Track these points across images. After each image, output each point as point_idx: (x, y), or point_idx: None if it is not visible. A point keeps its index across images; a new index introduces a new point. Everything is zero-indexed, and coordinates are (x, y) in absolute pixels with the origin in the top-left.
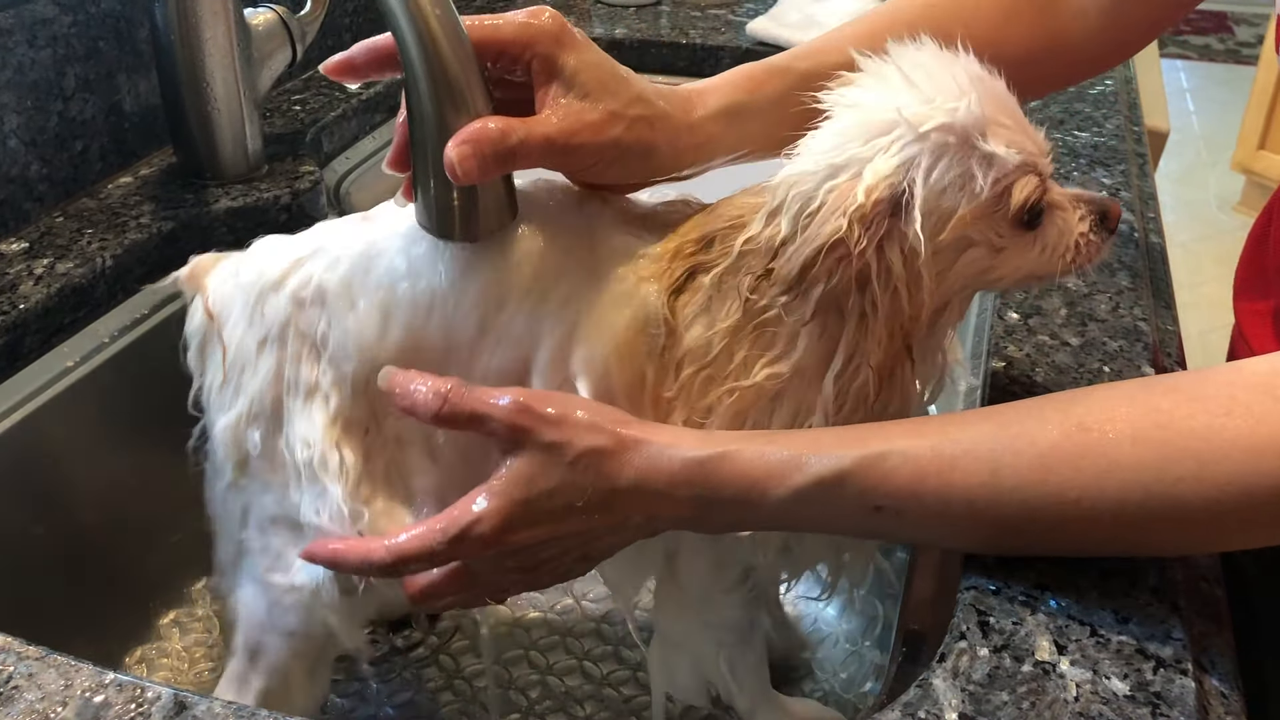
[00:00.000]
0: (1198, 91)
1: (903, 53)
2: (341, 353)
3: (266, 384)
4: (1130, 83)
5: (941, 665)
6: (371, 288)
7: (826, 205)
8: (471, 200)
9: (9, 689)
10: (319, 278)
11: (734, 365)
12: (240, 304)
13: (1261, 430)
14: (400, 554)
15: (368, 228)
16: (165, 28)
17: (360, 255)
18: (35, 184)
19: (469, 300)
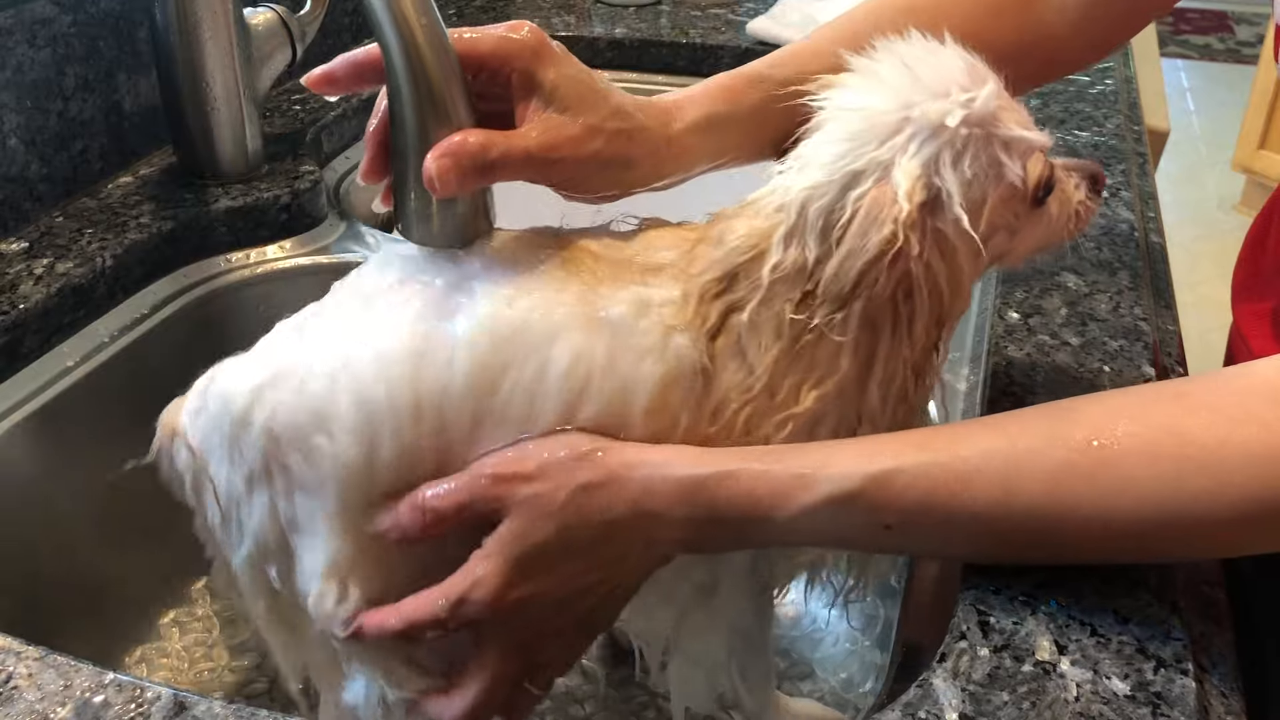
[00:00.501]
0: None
1: (892, 49)
2: (328, 489)
3: (266, 521)
4: (1130, 82)
5: (942, 665)
6: (345, 408)
7: (861, 214)
8: (450, 207)
9: (8, 689)
10: (286, 406)
11: (782, 396)
12: (218, 440)
13: (1274, 440)
14: (408, 619)
15: (325, 330)
16: (165, 27)
17: (325, 373)
18: (35, 184)
19: (457, 393)
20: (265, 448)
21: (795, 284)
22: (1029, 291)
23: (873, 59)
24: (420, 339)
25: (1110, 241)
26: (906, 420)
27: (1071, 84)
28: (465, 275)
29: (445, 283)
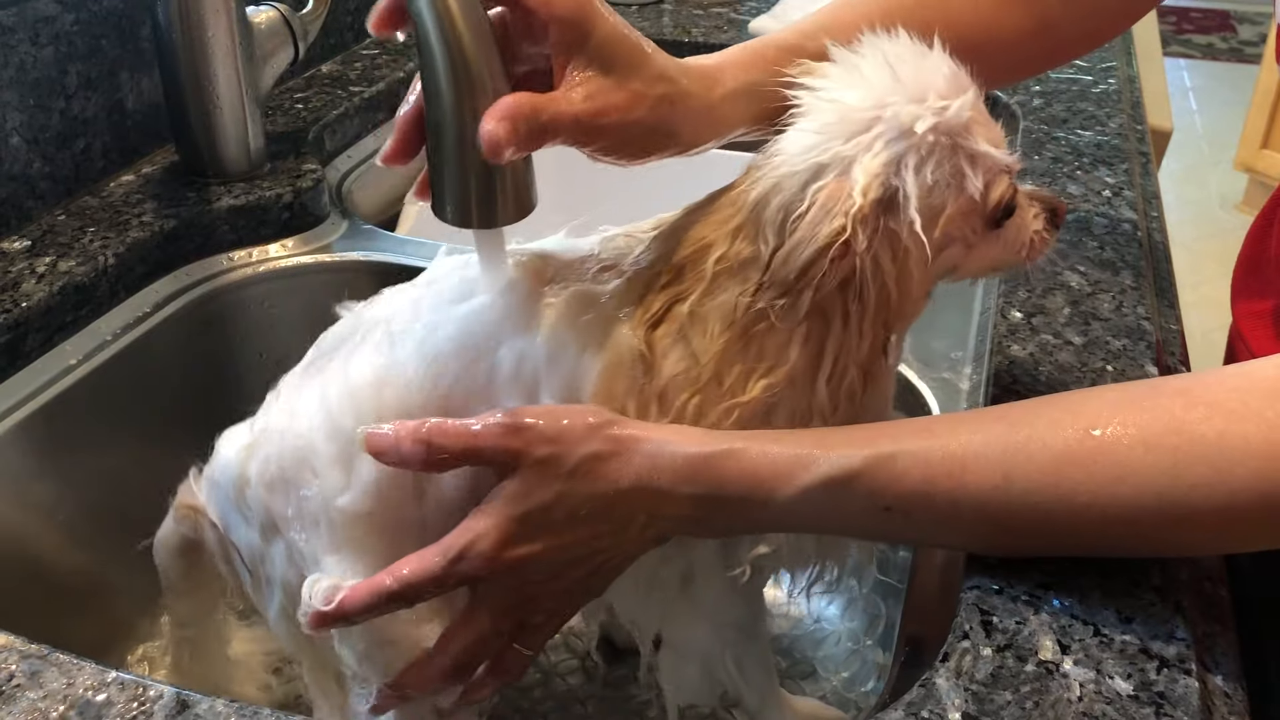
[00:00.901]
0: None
1: (878, 45)
2: (325, 520)
3: (287, 569)
4: (1133, 81)
5: (945, 665)
6: (322, 444)
7: (817, 206)
8: (490, 187)
9: (11, 687)
10: (274, 456)
11: (729, 384)
12: (229, 505)
13: (1274, 436)
14: (405, 580)
15: (302, 383)
16: (167, 26)
17: (303, 417)
18: (37, 182)
19: (418, 409)
20: (265, 499)
21: (746, 275)
22: (1031, 291)
23: (858, 53)
24: (380, 369)
25: (1113, 241)
26: (856, 419)
27: (1075, 83)
28: (413, 299)
29: (397, 311)
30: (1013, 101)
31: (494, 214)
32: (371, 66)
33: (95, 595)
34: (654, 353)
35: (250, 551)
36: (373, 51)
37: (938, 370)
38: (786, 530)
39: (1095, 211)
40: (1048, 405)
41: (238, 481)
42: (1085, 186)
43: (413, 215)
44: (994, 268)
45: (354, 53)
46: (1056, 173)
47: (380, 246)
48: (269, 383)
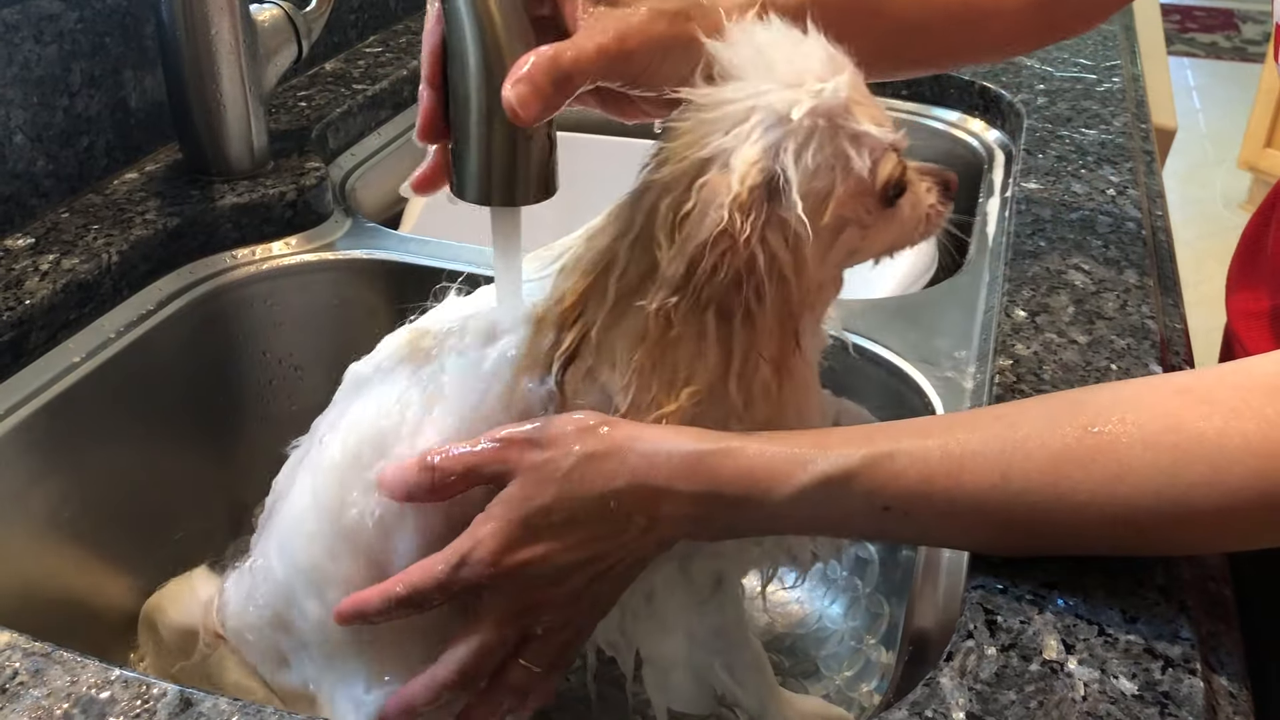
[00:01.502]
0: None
1: (751, 36)
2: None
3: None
4: (1137, 80)
5: (949, 664)
6: (292, 579)
7: (701, 200)
8: (512, 164)
9: (15, 685)
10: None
11: (654, 395)
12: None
13: (1273, 434)
14: (412, 585)
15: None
16: (171, 24)
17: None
18: (41, 180)
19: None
20: (271, 637)
21: (647, 286)
22: (1036, 289)
23: (729, 47)
24: (310, 491)
25: (1118, 240)
26: (776, 419)
27: (1079, 82)
28: (342, 412)
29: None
30: (1017, 100)
31: (515, 192)
32: (375, 64)
33: (99, 592)
34: (565, 397)
35: (273, 680)
36: (376, 50)
37: (941, 369)
38: (787, 530)
39: (1099, 210)
40: (1046, 404)
41: (241, 628)
42: (1089, 185)
43: (416, 213)
44: (894, 246)
45: (357, 51)
46: (1060, 171)
47: (383, 245)
48: (272, 381)
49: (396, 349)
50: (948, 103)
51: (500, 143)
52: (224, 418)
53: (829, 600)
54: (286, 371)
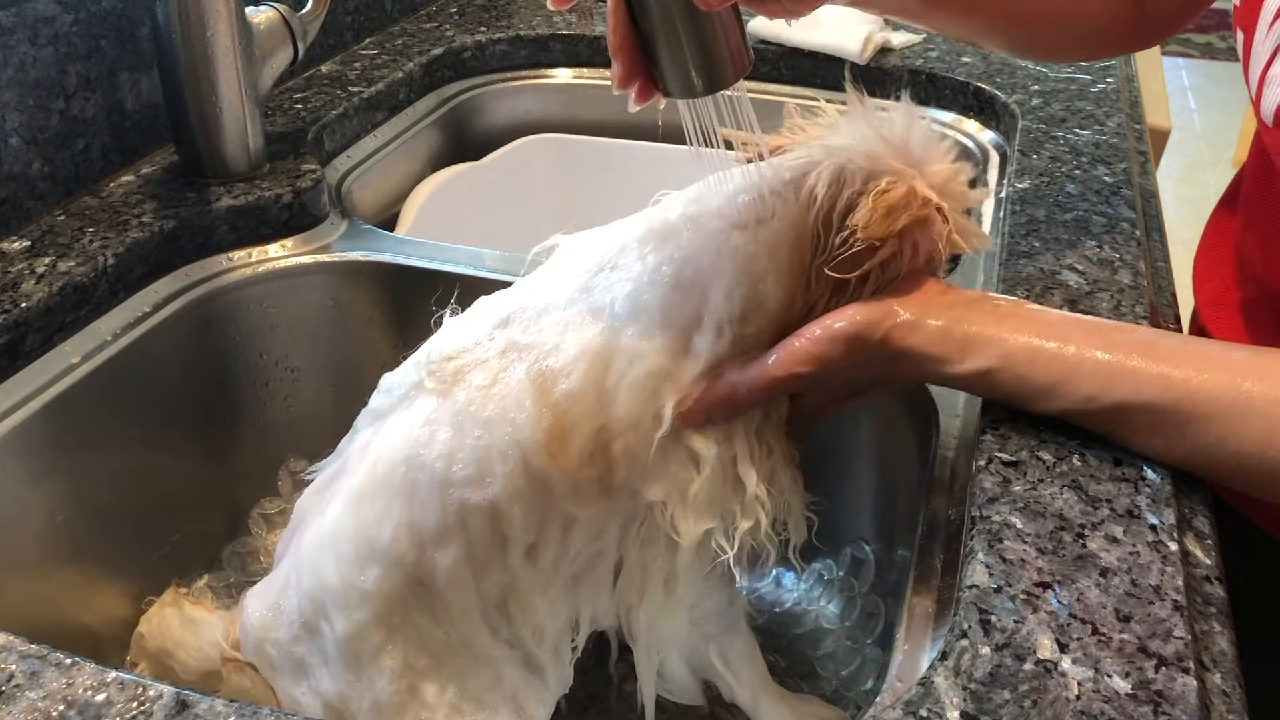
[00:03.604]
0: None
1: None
2: (337, 659)
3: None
4: (1132, 80)
5: (943, 664)
6: (329, 592)
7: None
8: (708, 51)
9: (10, 687)
10: (286, 617)
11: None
12: (264, 659)
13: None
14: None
15: (303, 535)
16: (167, 26)
17: (295, 573)
18: (37, 182)
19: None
20: (292, 650)
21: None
22: (1030, 290)
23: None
24: (343, 514)
25: (1111, 240)
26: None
27: (1073, 82)
28: (369, 437)
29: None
30: (1011, 100)
31: (722, 76)
32: (371, 67)
33: (95, 594)
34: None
35: (289, 695)
36: (372, 52)
37: None
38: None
39: (1094, 211)
40: (1267, 364)
41: (259, 642)
42: (1083, 185)
43: (412, 215)
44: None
45: (353, 53)
46: (1055, 171)
47: (380, 247)
48: (268, 383)
49: (409, 379)
50: (943, 103)
51: (690, 33)
52: (220, 420)
53: (825, 600)
54: (283, 374)
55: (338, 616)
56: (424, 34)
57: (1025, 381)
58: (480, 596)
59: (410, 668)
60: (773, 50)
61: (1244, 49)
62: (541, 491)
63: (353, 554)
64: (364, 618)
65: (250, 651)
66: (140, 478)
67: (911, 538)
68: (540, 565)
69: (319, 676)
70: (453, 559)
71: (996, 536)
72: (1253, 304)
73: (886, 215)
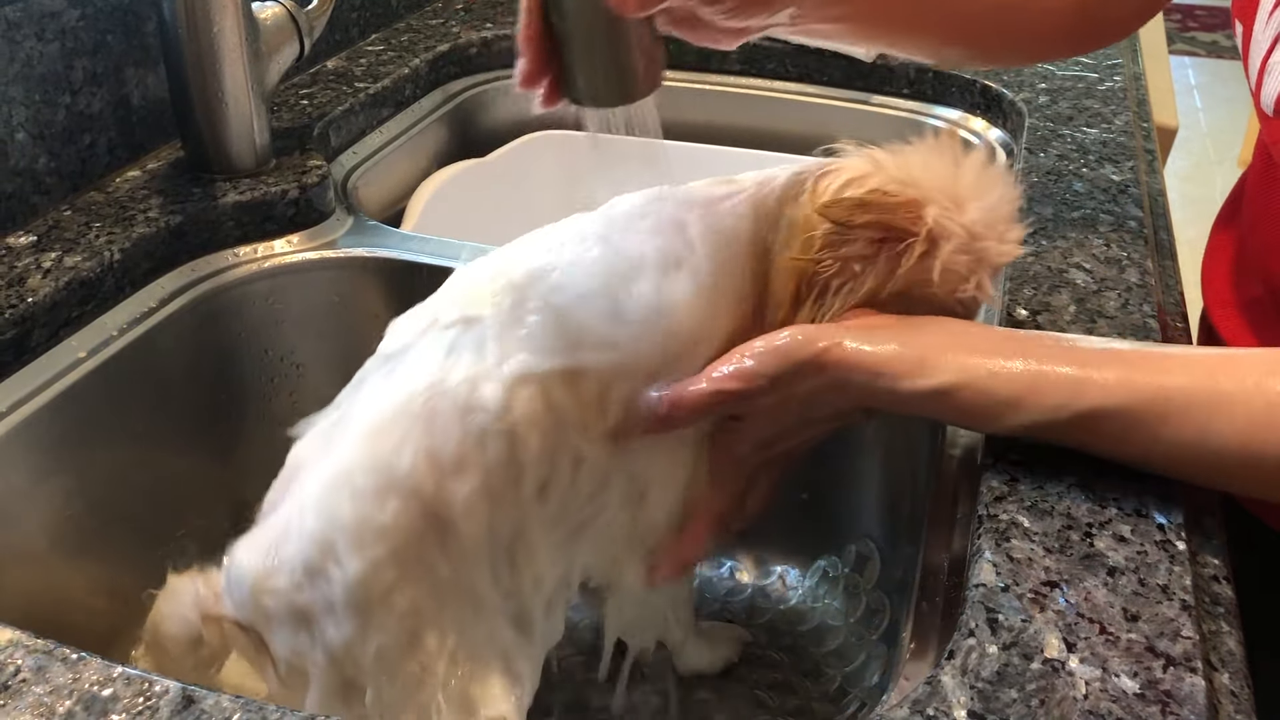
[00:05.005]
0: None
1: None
2: (346, 605)
3: (330, 662)
4: (1139, 79)
5: (950, 662)
6: (341, 530)
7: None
8: (618, 61)
9: (16, 682)
10: (289, 560)
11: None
12: (259, 611)
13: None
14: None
15: (306, 474)
16: (173, 21)
17: (310, 511)
18: (43, 177)
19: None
20: (294, 598)
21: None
22: (1037, 288)
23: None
24: (357, 448)
25: (1119, 238)
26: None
27: (1080, 80)
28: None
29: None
30: (1018, 99)
31: (631, 89)
32: (377, 63)
33: (101, 588)
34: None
35: (288, 648)
36: (378, 48)
37: None
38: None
39: (1101, 209)
40: (1239, 364)
41: (262, 587)
42: (1091, 184)
43: (418, 211)
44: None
45: (359, 49)
46: (1062, 170)
47: (385, 243)
48: (273, 379)
49: (418, 324)
50: (949, 101)
51: (603, 42)
52: (226, 415)
53: (830, 597)
54: (288, 369)
55: (350, 556)
56: (430, 30)
57: (989, 395)
58: (491, 534)
59: (416, 611)
60: (779, 47)
61: (1243, 41)
62: (557, 423)
63: (370, 487)
64: (379, 554)
65: (241, 606)
66: (145, 472)
67: (918, 535)
68: (549, 505)
69: (324, 625)
70: (470, 488)
71: (1004, 535)
72: (1259, 302)
73: (854, 205)
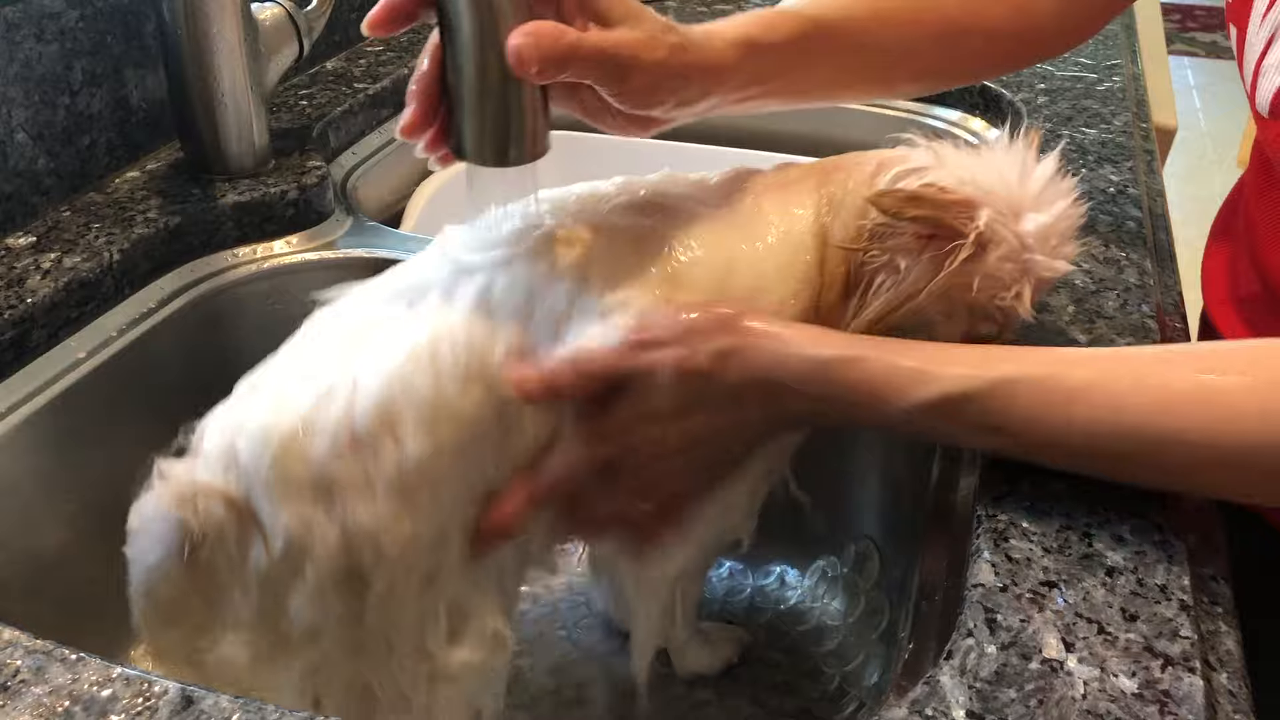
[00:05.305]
0: (1205, 89)
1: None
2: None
3: (336, 542)
4: (1138, 79)
5: (949, 662)
6: (414, 405)
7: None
8: (506, 123)
9: (16, 683)
10: (345, 421)
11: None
12: (265, 483)
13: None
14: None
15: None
16: (173, 22)
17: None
18: (42, 178)
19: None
20: (331, 467)
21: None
22: None
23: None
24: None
25: (1118, 239)
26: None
27: (1079, 81)
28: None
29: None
30: (1017, 99)
31: (508, 153)
32: (376, 63)
33: (100, 589)
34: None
35: (297, 521)
36: (377, 48)
37: None
38: (898, 435)
39: (1100, 209)
40: (1160, 349)
41: (292, 451)
42: (1090, 184)
43: (417, 212)
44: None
45: (359, 49)
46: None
47: (385, 243)
48: None
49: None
50: (948, 102)
51: (494, 102)
52: None
53: (829, 597)
54: None
55: (416, 435)
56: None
57: (893, 366)
58: (531, 444)
59: (454, 508)
60: None
61: (1238, 44)
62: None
63: (461, 366)
64: (446, 439)
65: (246, 474)
66: (145, 472)
67: (916, 535)
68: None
69: (353, 502)
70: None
71: (1003, 535)
72: (1258, 301)
73: (906, 199)
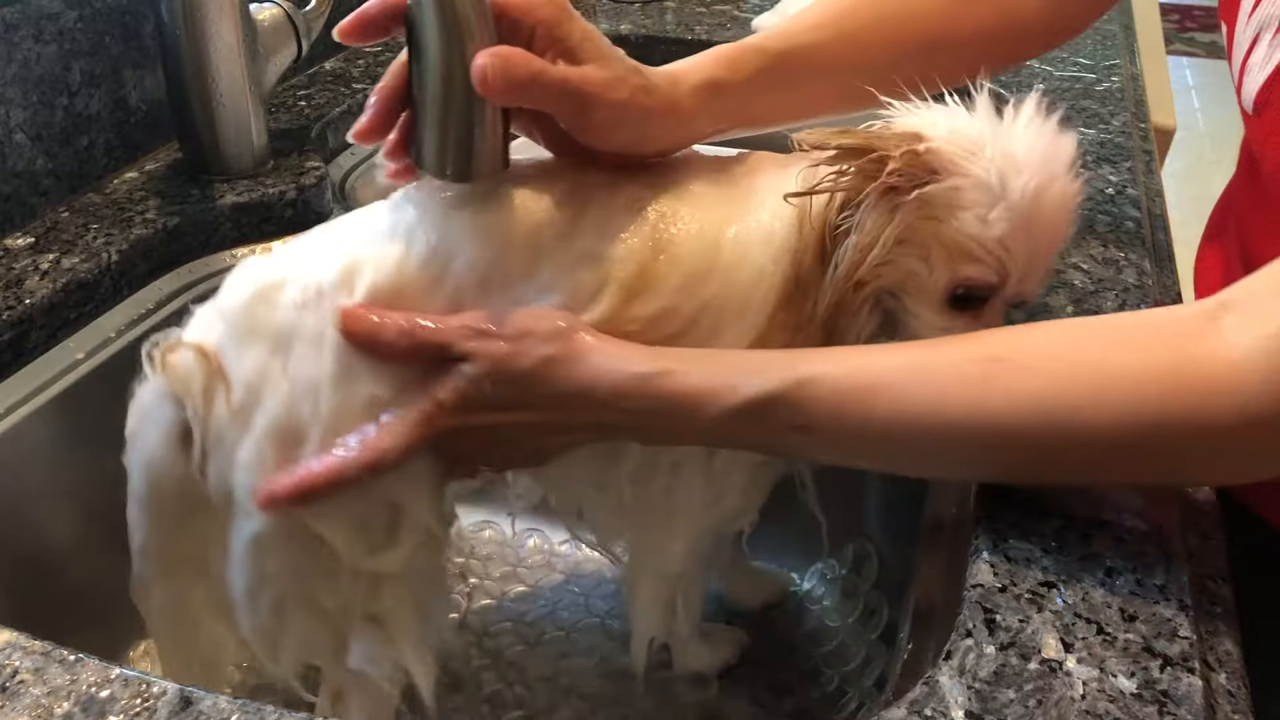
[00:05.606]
0: (1203, 89)
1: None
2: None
3: (289, 396)
4: (1137, 80)
5: (948, 663)
6: (370, 270)
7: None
8: (468, 140)
9: (15, 684)
10: (319, 271)
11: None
12: (238, 326)
13: (1162, 361)
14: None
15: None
16: (171, 23)
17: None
18: (41, 179)
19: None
20: (292, 317)
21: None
22: None
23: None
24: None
25: (1116, 239)
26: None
27: (1078, 81)
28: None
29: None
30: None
31: (469, 168)
32: (375, 64)
33: (99, 590)
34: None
35: (253, 370)
36: (376, 49)
37: None
38: (719, 445)
39: (1098, 210)
40: (974, 336)
41: (263, 295)
42: (1088, 185)
43: None
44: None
45: (357, 50)
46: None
47: None
48: None
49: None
50: None
51: (458, 116)
52: None
53: (828, 598)
54: None
55: (367, 298)
56: None
57: (704, 378)
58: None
59: (392, 376)
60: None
61: (1227, 41)
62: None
63: (430, 243)
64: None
65: (224, 315)
66: None
67: (915, 535)
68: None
69: (302, 355)
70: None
71: (1001, 535)
72: None
73: (833, 131)
